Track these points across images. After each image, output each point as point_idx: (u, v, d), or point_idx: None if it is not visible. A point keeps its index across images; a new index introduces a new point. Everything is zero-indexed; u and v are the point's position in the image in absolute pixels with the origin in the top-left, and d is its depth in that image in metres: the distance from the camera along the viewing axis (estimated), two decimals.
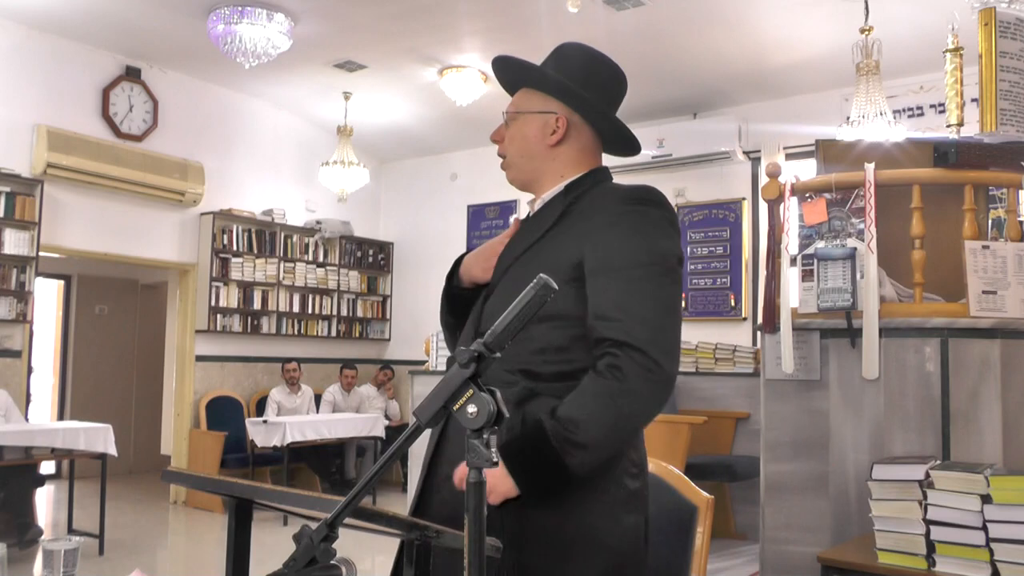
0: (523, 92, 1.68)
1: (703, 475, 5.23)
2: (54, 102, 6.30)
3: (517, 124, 1.66)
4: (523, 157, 1.65)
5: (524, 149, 1.65)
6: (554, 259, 1.51)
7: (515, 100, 1.68)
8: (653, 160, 7.13)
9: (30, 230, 6.07)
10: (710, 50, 6.01)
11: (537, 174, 1.65)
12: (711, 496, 1.81)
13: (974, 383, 2.87)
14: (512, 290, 1.49)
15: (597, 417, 1.39)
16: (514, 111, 1.66)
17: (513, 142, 1.66)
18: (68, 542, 1.55)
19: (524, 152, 1.65)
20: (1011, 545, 2.22)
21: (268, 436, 6.65)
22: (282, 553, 1.03)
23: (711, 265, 7.07)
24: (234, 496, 1.35)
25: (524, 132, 1.65)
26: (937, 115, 5.84)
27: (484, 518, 0.98)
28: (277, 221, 7.84)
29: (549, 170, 1.64)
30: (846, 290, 3.00)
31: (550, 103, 1.63)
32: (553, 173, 1.64)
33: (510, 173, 1.69)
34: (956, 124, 3.20)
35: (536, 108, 1.64)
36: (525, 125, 1.65)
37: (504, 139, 1.67)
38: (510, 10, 5.41)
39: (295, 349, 8.06)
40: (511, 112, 1.67)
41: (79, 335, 8.84)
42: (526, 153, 1.65)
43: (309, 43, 6.07)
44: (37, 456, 5.23)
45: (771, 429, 3.21)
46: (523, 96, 1.67)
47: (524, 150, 1.65)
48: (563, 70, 1.64)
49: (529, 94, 1.66)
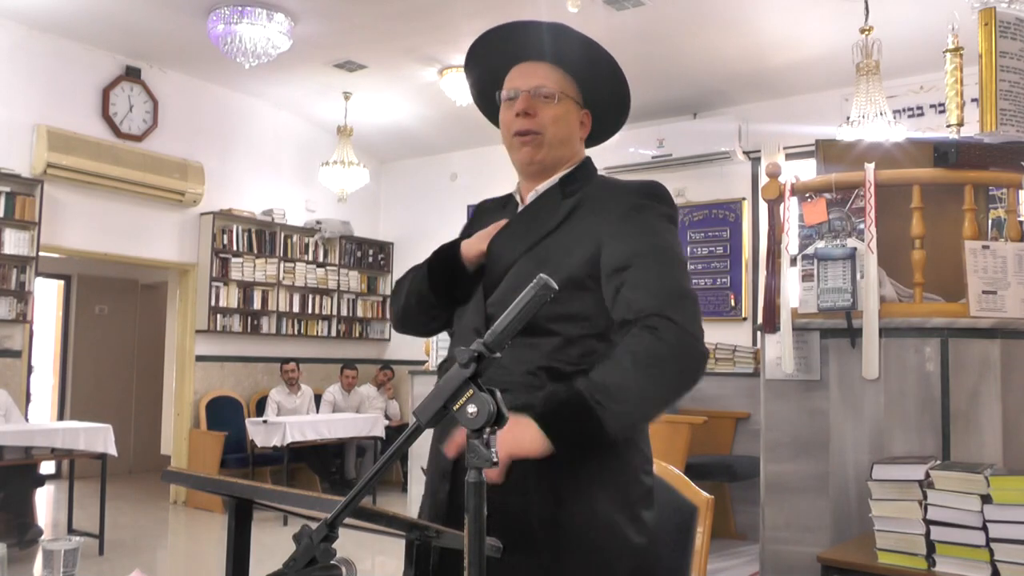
0: (555, 72, 1.58)
1: (703, 475, 5.23)
2: (54, 102, 6.30)
3: (562, 106, 1.57)
4: (562, 142, 1.58)
5: (566, 134, 1.58)
6: (567, 255, 1.48)
7: (555, 80, 1.57)
8: (653, 160, 7.13)
9: (30, 230, 6.07)
10: (710, 50, 6.01)
11: (562, 161, 1.60)
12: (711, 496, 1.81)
13: (974, 383, 2.87)
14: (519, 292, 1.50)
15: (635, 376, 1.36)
16: (560, 92, 1.56)
17: (558, 123, 1.56)
18: (68, 542, 1.55)
19: (565, 137, 1.58)
20: (1011, 545, 2.22)
21: (268, 436, 6.65)
22: (282, 553, 1.03)
23: (711, 265, 7.07)
24: (234, 496, 1.35)
25: (568, 117, 1.58)
26: (937, 115, 5.84)
27: (484, 518, 0.98)
28: (277, 221, 7.84)
29: (569, 161, 1.61)
30: (846, 290, 3.00)
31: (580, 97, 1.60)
32: (568, 165, 1.61)
33: (541, 152, 1.56)
34: (956, 124, 3.21)
35: (574, 96, 1.59)
36: (569, 111, 1.58)
37: (539, 114, 1.55)
38: (510, 10, 5.38)
39: (295, 349, 8.06)
40: (553, 93, 1.56)
41: (79, 335, 8.84)
42: (566, 138, 1.58)
43: (309, 43, 6.07)
44: (37, 456, 5.23)
45: (771, 429, 3.21)
46: (562, 79, 1.58)
47: (566, 135, 1.58)
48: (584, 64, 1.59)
49: (565, 79, 1.58)
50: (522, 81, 1.57)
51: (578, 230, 1.50)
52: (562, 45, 1.58)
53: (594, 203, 1.53)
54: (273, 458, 7.00)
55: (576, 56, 1.58)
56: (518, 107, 1.55)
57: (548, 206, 1.57)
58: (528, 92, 1.55)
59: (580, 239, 1.49)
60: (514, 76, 1.59)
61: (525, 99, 1.55)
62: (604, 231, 1.47)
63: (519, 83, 1.57)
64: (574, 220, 1.52)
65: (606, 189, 1.56)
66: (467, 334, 1.53)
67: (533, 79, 1.56)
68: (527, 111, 1.54)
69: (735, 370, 6.22)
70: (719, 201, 7.07)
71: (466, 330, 1.55)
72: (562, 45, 1.58)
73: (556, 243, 1.51)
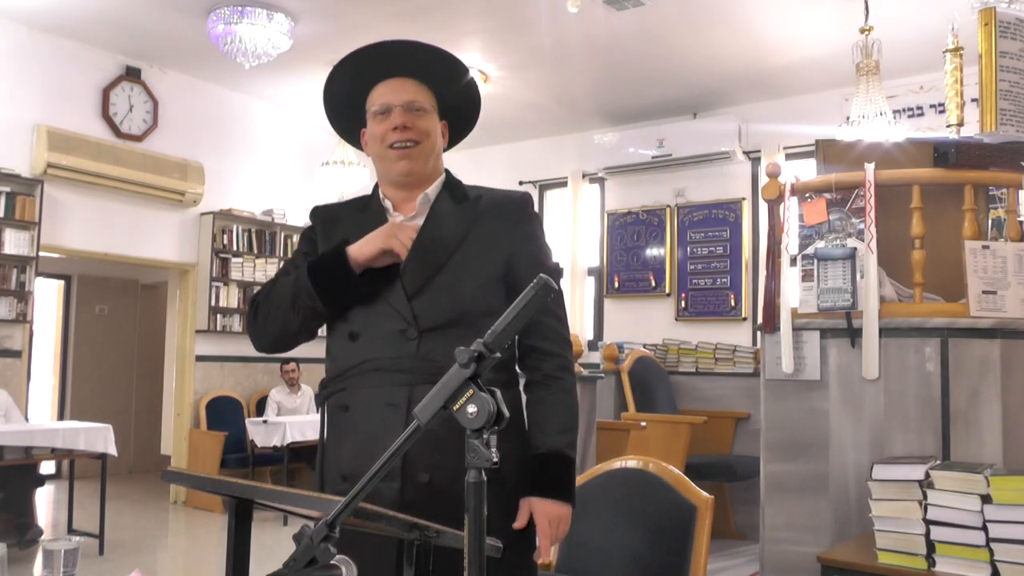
0: (421, 88, 1.69)
1: (703, 475, 5.23)
2: (54, 102, 6.30)
3: (429, 119, 1.69)
4: (434, 151, 1.71)
5: (436, 145, 1.71)
6: (485, 261, 1.63)
7: (419, 94, 1.68)
8: (653, 160, 7.13)
9: (30, 230, 6.06)
10: (710, 50, 6.01)
11: (434, 171, 1.72)
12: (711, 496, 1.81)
13: (974, 383, 2.87)
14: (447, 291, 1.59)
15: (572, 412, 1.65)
16: (426, 106, 1.69)
17: (431, 135, 1.69)
18: (68, 542, 1.55)
19: (435, 148, 1.71)
20: (1011, 545, 2.22)
21: (268, 436, 6.65)
22: (282, 553, 1.03)
23: (711, 265, 7.07)
24: (234, 496, 1.35)
25: (437, 129, 1.72)
26: (937, 115, 5.84)
27: (484, 518, 0.98)
28: (277, 221, 7.84)
29: (437, 170, 1.73)
30: (846, 290, 3.00)
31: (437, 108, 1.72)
32: (436, 172, 1.73)
33: (418, 163, 1.67)
34: (956, 124, 3.21)
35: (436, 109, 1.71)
36: (433, 123, 1.70)
37: (416, 126, 1.66)
38: (510, 10, 5.41)
39: (295, 349, 8.05)
40: (424, 107, 1.68)
41: (79, 335, 8.83)
42: (436, 149, 1.71)
43: (309, 43, 6.07)
44: (37, 456, 5.23)
45: (771, 429, 3.21)
46: (424, 93, 1.69)
47: (436, 146, 1.71)
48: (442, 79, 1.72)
49: (425, 92, 1.69)
50: (393, 96, 1.67)
51: (484, 240, 1.65)
52: (423, 60, 1.70)
53: (490, 214, 1.68)
54: (273, 458, 7.00)
55: (435, 69, 1.71)
56: (396, 121, 1.65)
57: (450, 215, 1.67)
58: (402, 107, 1.65)
59: (489, 247, 1.64)
60: (383, 91, 1.68)
61: (400, 113, 1.65)
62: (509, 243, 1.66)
63: (390, 98, 1.67)
64: (479, 231, 1.65)
65: (494, 199, 1.72)
66: (389, 338, 1.57)
67: (403, 94, 1.67)
68: (405, 124, 1.64)
69: (735, 370, 6.23)
70: (719, 201, 7.07)
71: (385, 333, 1.58)
72: (423, 60, 1.70)
73: (470, 251, 1.63)
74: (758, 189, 6.57)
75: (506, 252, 1.65)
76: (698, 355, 6.46)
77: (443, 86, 1.72)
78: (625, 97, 7.02)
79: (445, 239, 1.63)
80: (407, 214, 1.69)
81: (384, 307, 1.59)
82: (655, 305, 7.28)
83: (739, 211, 6.98)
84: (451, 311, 1.57)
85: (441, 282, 1.59)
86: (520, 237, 1.68)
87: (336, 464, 1.62)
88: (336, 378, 1.65)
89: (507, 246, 1.65)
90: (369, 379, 1.58)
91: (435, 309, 1.57)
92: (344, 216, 1.75)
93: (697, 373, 6.37)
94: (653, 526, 1.57)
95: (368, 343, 1.59)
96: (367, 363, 1.59)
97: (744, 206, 6.96)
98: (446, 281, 1.59)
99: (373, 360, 1.58)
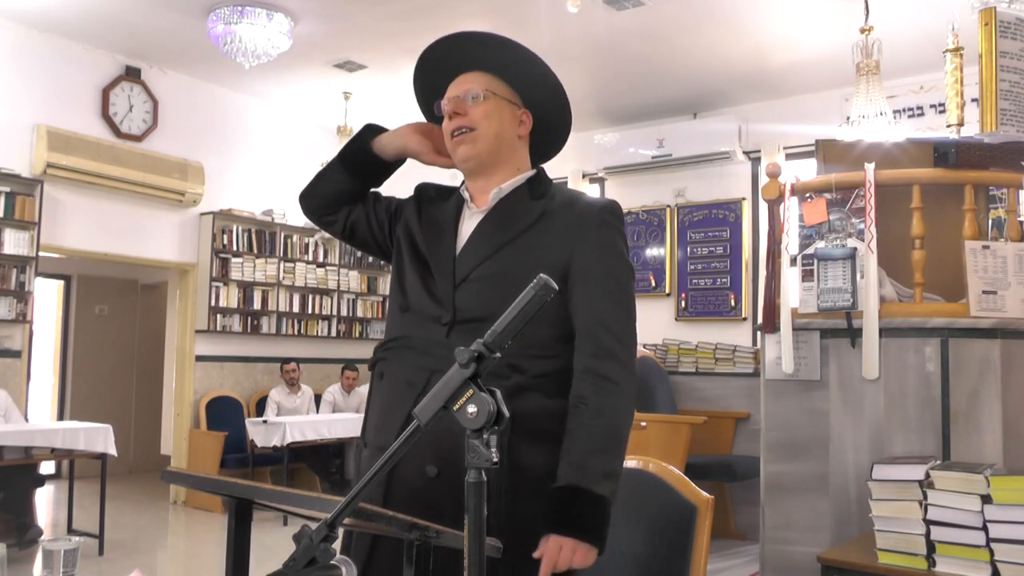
0: (487, 76, 1.67)
1: (703, 475, 5.23)
2: (54, 102, 6.30)
3: (492, 104, 1.65)
4: (498, 137, 1.65)
5: (499, 128, 1.65)
6: (538, 259, 1.55)
7: (482, 82, 1.67)
8: (653, 160, 7.13)
9: (30, 230, 6.06)
10: (710, 50, 6.01)
11: (501, 158, 1.67)
12: (711, 496, 1.81)
13: (974, 383, 2.87)
14: (493, 284, 1.56)
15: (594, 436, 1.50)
16: (488, 91, 1.66)
17: (490, 119, 1.64)
18: (68, 542, 1.55)
19: (499, 131, 1.65)
20: (1011, 545, 2.22)
21: (268, 436, 6.64)
22: (282, 553, 1.03)
23: (711, 265, 7.07)
24: (234, 496, 1.35)
25: (499, 113, 1.66)
26: (937, 115, 5.84)
27: (484, 518, 0.98)
28: (277, 221, 7.84)
29: (511, 160, 1.69)
30: (846, 290, 3.00)
31: (516, 97, 1.69)
32: (512, 164, 1.68)
33: (476, 146, 1.64)
34: (956, 124, 3.21)
35: (506, 95, 1.68)
36: (499, 107, 1.66)
37: (469, 112, 1.64)
38: (510, 10, 5.41)
39: (295, 349, 8.06)
40: (486, 91, 1.65)
41: (79, 335, 8.83)
42: (500, 132, 1.66)
43: (309, 43, 6.07)
44: (37, 456, 5.23)
45: (771, 429, 3.21)
46: (492, 81, 1.67)
47: (499, 129, 1.65)
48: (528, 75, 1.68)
49: (493, 80, 1.67)
50: (453, 91, 1.68)
51: (545, 237, 1.59)
52: (490, 52, 1.69)
53: (560, 214, 1.61)
54: (273, 458, 7.00)
55: (505, 59, 1.68)
56: (447, 110, 1.66)
57: (518, 210, 1.63)
58: (457, 96, 1.66)
59: (549, 246, 1.58)
60: (450, 90, 1.69)
61: (454, 102, 1.66)
62: (574, 246, 1.57)
63: (451, 93, 1.69)
64: (541, 227, 1.60)
65: (574, 202, 1.65)
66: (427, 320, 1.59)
67: (462, 86, 1.67)
68: (456, 111, 1.65)
69: (735, 370, 6.23)
70: (719, 201, 7.07)
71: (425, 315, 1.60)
72: (490, 52, 1.69)
73: (523, 246, 1.59)
74: (758, 189, 6.57)
75: (566, 256, 1.57)
76: (698, 355, 6.46)
77: (516, 74, 1.68)
78: (625, 97, 7.02)
79: (500, 231, 1.61)
80: (480, 207, 1.69)
81: (431, 291, 1.62)
82: (655, 305, 7.28)
83: (739, 211, 6.97)
84: (490, 305, 1.50)
85: (488, 273, 1.57)
86: (589, 244, 1.58)
87: (366, 429, 1.68)
88: (383, 346, 1.69)
89: (570, 250, 1.57)
90: (403, 355, 1.61)
91: (476, 301, 1.56)
92: (435, 198, 1.80)
93: (697, 373, 6.38)
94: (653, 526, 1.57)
95: (411, 320, 1.63)
96: (405, 339, 1.62)
97: (744, 206, 6.96)
98: (493, 272, 1.57)
99: (410, 337, 1.61)
